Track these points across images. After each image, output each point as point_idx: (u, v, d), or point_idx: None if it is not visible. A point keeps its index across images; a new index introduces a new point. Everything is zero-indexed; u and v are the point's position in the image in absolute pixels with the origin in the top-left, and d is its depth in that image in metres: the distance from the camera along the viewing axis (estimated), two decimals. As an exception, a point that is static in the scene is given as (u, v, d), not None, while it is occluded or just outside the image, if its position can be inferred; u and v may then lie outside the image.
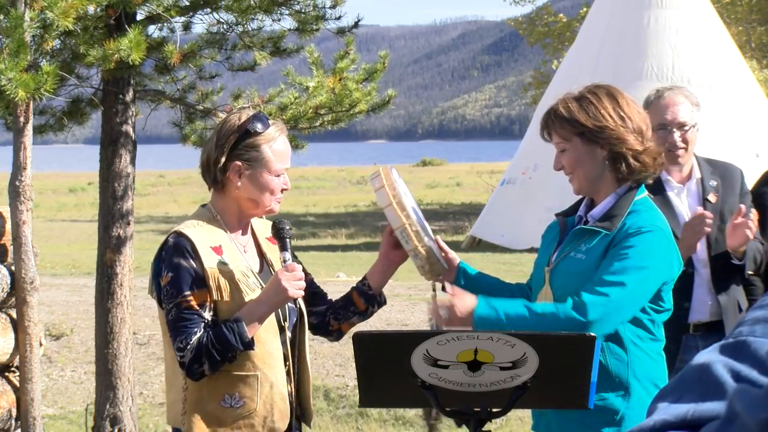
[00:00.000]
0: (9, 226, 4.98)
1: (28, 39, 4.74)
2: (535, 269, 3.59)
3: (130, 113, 6.11)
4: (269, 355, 3.28)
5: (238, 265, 3.29)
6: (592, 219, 3.46)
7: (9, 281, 4.93)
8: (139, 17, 5.90)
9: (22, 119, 4.93)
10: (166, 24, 6.08)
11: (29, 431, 4.97)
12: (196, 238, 3.26)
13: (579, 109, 3.42)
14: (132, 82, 6.11)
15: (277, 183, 3.34)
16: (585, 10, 29.66)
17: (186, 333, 3.21)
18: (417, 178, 42.16)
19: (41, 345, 5.03)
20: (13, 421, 4.96)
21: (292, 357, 3.38)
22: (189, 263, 3.23)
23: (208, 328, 3.21)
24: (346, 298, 3.54)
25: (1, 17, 4.72)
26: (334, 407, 7.82)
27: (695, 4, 19.13)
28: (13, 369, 5.01)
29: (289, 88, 6.46)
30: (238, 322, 3.19)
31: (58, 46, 5.73)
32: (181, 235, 3.27)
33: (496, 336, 2.87)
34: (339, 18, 6.33)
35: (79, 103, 6.45)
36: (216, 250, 3.27)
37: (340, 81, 6.32)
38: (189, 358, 3.20)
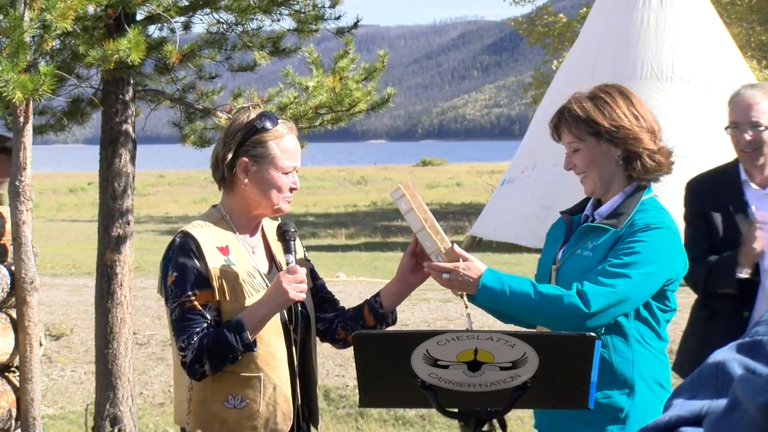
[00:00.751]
0: (9, 226, 4.98)
1: (28, 39, 4.74)
2: (540, 268, 3.58)
3: (130, 113, 6.11)
4: (273, 356, 3.28)
5: (244, 266, 3.28)
6: (599, 217, 3.46)
7: (9, 281, 4.93)
8: (138, 17, 5.90)
9: (21, 119, 4.92)
10: (165, 24, 6.08)
11: (29, 431, 4.96)
12: (202, 238, 3.26)
13: (594, 109, 3.42)
14: (132, 82, 6.11)
15: (285, 181, 3.33)
16: (585, 10, 29.66)
17: (188, 333, 3.21)
18: (417, 178, 42.15)
19: (41, 345, 5.02)
20: (13, 421, 4.96)
21: (299, 359, 3.38)
22: (194, 263, 3.23)
23: (211, 328, 3.21)
24: (357, 311, 3.53)
25: (1, 17, 4.72)
26: (334, 407, 7.82)
27: (695, 4, 19.13)
28: (13, 369, 5.01)
29: (289, 88, 6.46)
30: (239, 323, 3.19)
31: (58, 47, 5.73)
32: (187, 235, 3.27)
33: (496, 336, 2.87)
34: (338, 18, 6.33)
35: (79, 103, 6.45)
36: (222, 251, 3.27)
37: (340, 80, 6.32)
38: (190, 357, 3.20)
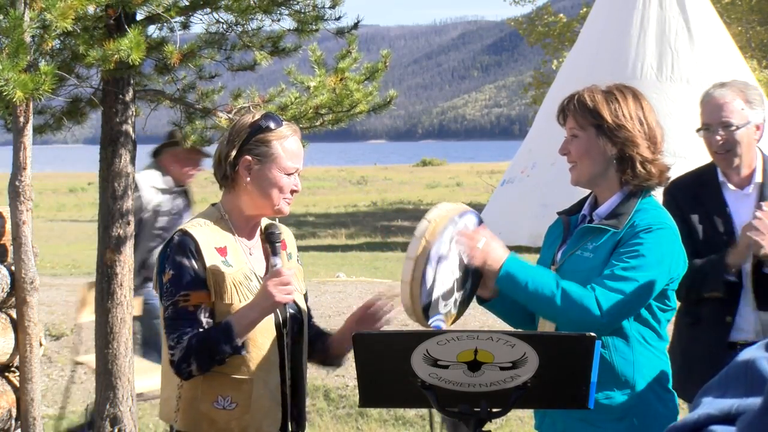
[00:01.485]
0: (9, 226, 4.98)
1: (28, 39, 4.74)
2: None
3: (130, 113, 6.11)
4: (265, 359, 3.28)
5: (241, 268, 3.28)
6: (598, 217, 3.46)
7: (9, 281, 4.92)
8: (138, 17, 5.90)
9: (21, 119, 4.92)
10: (165, 24, 6.08)
11: (29, 431, 4.96)
12: (201, 238, 3.25)
13: (603, 102, 3.43)
14: (132, 82, 6.10)
15: (287, 182, 3.33)
16: (585, 10, 29.66)
17: (179, 332, 3.21)
18: (417, 178, 42.13)
19: (41, 345, 5.02)
20: (13, 421, 4.96)
21: (290, 362, 3.38)
22: (191, 263, 3.23)
23: (202, 329, 3.21)
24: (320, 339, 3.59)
25: (1, 17, 4.71)
26: (334, 407, 7.82)
27: (695, 4, 19.13)
28: (13, 369, 5.01)
29: (290, 88, 6.46)
30: (227, 325, 3.19)
31: (58, 47, 5.73)
32: (186, 234, 3.27)
33: (496, 336, 2.87)
34: (339, 18, 6.32)
35: (78, 103, 6.44)
36: (220, 251, 3.27)
37: (341, 81, 6.32)
38: (178, 356, 3.21)
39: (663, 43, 18.67)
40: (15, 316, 4.97)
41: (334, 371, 7.35)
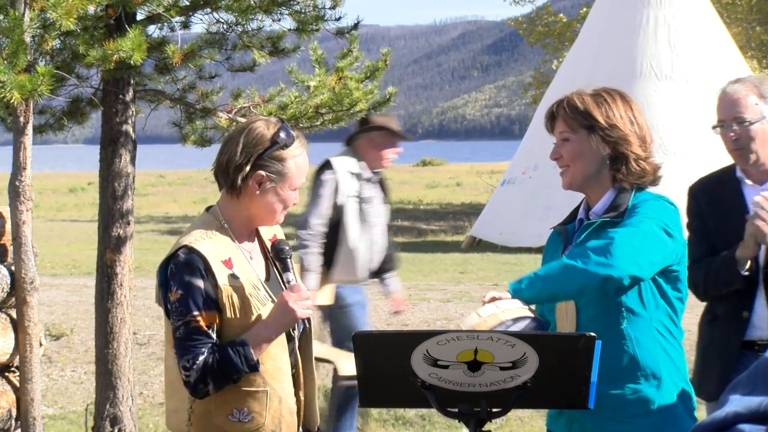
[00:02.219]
0: (9, 226, 4.98)
1: (28, 39, 4.74)
2: None
3: (130, 113, 6.11)
4: (278, 370, 3.27)
5: (248, 278, 3.26)
6: (595, 215, 3.46)
7: (9, 281, 4.93)
8: (139, 17, 5.90)
9: (21, 119, 4.92)
10: (166, 24, 6.08)
11: (29, 431, 4.96)
12: (208, 254, 3.21)
13: (593, 104, 3.44)
14: (132, 82, 6.10)
15: (292, 197, 3.33)
16: (585, 10, 29.66)
17: (193, 353, 3.19)
18: (417, 178, 42.11)
19: (41, 345, 5.02)
20: (13, 421, 4.96)
21: (300, 365, 3.38)
22: (201, 283, 3.20)
23: (215, 348, 3.20)
24: None
25: (1, 17, 4.71)
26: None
27: (695, 4, 19.13)
28: (13, 369, 5.01)
29: (290, 87, 6.46)
30: (244, 345, 3.18)
31: (58, 47, 5.73)
32: (192, 251, 3.21)
33: (496, 336, 2.87)
34: (339, 18, 6.33)
35: (79, 103, 6.45)
36: (226, 264, 3.23)
37: (341, 80, 6.32)
38: (195, 378, 3.19)
39: (663, 42, 18.66)
40: (15, 316, 4.97)
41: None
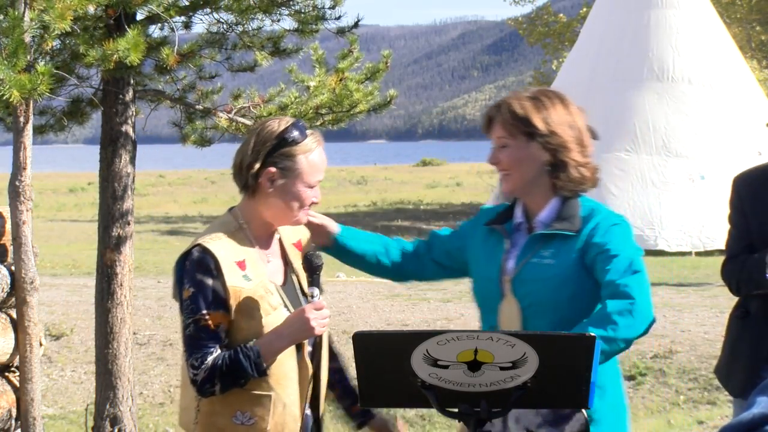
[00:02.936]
0: (9, 226, 4.98)
1: (28, 39, 4.73)
2: (483, 282, 3.51)
3: (130, 113, 6.11)
4: (284, 375, 3.27)
5: (261, 281, 3.25)
6: (542, 224, 3.42)
7: (9, 281, 4.92)
8: (139, 17, 5.90)
9: (21, 119, 4.92)
10: (166, 24, 6.08)
11: (29, 431, 4.96)
12: (221, 254, 3.20)
13: (533, 109, 3.38)
14: (132, 82, 6.11)
15: (309, 195, 3.30)
16: (585, 10, 29.67)
17: (201, 352, 3.19)
18: (417, 178, 42.13)
19: (41, 345, 5.02)
20: (13, 421, 4.96)
21: (312, 378, 3.38)
22: (211, 282, 3.19)
23: (224, 349, 3.20)
24: (349, 395, 3.68)
25: (1, 17, 4.71)
26: (334, 407, 7.82)
27: (695, 4, 19.13)
28: (13, 369, 5.01)
29: (290, 88, 6.46)
30: (256, 351, 3.17)
31: (58, 47, 5.73)
32: (205, 251, 3.21)
33: (496, 336, 2.87)
34: (339, 18, 6.33)
35: (79, 103, 6.45)
36: (240, 265, 3.22)
37: (341, 81, 6.32)
38: (202, 377, 3.19)
39: (663, 42, 18.66)
40: (15, 316, 4.97)
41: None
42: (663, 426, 7.81)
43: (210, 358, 3.18)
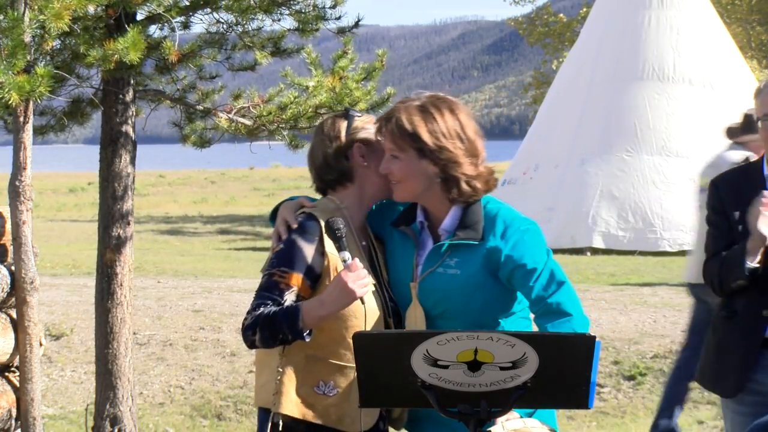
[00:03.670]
0: (9, 226, 4.97)
1: (28, 39, 4.73)
2: (395, 283, 3.50)
3: (130, 113, 6.11)
4: None
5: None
6: (445, 232, 3.41)
7: (9, 281, 4.92)
8: (139, 17, 5.90)
9: (21, 119, 4.92)
10: (166, 24, 6.07)
11: (29, 431, 4.96)
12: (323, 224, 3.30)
13: (421, 123, 3.35)
14: (132, 82, 6.10)
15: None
16: (585, 10, 29.67)
17: (260, 302, 3.27)
18: (417, 178, 41.93)
19: (41, 345, 5.02)
20: (13, 421, 4.96)
21: None
22: (307, 246, 3.29)
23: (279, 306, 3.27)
24: None
25: (1, 17, 4.71)
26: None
27: (695, 4, 19.13)
28: (13, 369, 5.01)
29: (289, 88, 6.46)
30: (296, 312, 3.23)
31: (58, 47, 5.73)
32: (312, 218, 3.33)
33: (496, 336, 2.87)
34: (339, 18, 6.32)
35: (79, 103, 6.44)
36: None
37: (340, 80, 6.32)
38: (248, 323, 3.27)
39: (663, 43, 18.66)
40: (15, 316, 4.97)
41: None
42: (663, 426, 7.80)
43: (261, 308, 3.25)
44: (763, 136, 4.03)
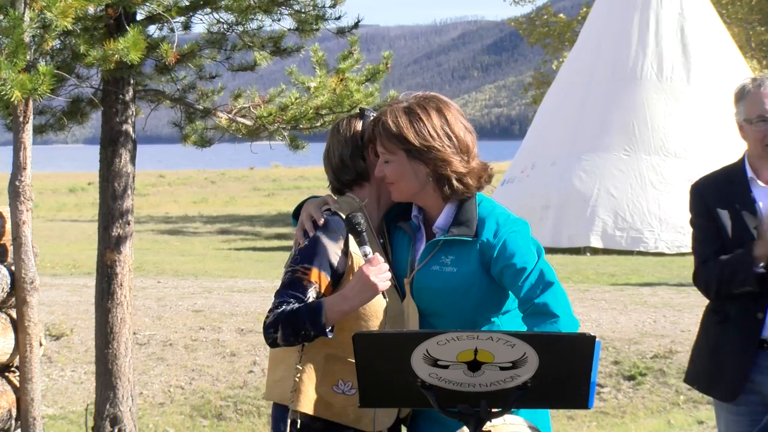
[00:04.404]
0: (9, 226, 4.98)
1: (28, 39, 4.74)
2: (395, 279, 3.49)
3: (130, 113, 6.11)
4: None
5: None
6: (439, 230, 3.42)
7: (9, 281, 4.92)
8: (139, 17, 5.90)
9: (21, 119, 4.92)
10: (166, 24, 6.08)
11: (29, 431, 4.96)
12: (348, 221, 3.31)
13: (408, 125, 3.37)
14: (132, 81, 6.11)
15: None
16: (585, 10, 29.68)
17: (282, 299, 3.27)
18: (417, 178, 41.96)
19: (41, 345, 5.02)
20: (13, 421, 4.96)
21: None
22: (331, 244, 3.30)
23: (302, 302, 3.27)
24: None
25: (1, 17, 4.71)
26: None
27: (695, 5, 19.13)
28: (13, 369, 5.01)
29: (290, 88, 6.47)
30: (318, 308, 3.23)
31: (58, 46, 5.73)
32: (336, 214, 3.35)
33: (496, 336, 2.87)
34: (339, 18, 6.33)
35: (79, 102, 6.45)
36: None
37: (342, 82, 6.32)
38: (269, 321, 3.26)
39: (663, 43, 18.66)
40: (15, 316, 4.97)
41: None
42: (663, 426, 7.81)
43: (283, 306, 3.25)
44: (755, 137, 4.04)
